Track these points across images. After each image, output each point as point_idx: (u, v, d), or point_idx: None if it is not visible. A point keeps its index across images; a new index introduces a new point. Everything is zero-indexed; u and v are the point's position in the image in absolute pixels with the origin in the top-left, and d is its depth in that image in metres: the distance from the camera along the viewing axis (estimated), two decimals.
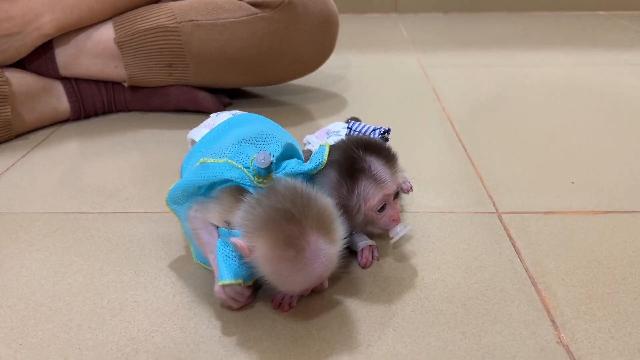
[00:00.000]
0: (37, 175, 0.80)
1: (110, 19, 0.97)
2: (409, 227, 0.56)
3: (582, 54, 1.46)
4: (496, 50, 1.52)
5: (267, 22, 0.96)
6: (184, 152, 0.63)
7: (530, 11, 2.04)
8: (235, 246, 0.46)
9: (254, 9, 0.96)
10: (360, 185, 0.53)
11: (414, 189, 0.67)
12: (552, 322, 0.49)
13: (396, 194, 0.56)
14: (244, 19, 0.95)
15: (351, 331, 0.48)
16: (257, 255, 0.46)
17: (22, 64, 0.95)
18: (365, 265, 0.57)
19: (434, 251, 0.60)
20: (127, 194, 0.74)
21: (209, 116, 0.65)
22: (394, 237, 0.56)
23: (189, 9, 0.96)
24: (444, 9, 2.06)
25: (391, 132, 0.63)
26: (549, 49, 1.51)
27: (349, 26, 1.73)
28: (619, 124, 0.97)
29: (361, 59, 1.44)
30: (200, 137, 0.60)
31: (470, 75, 1.28)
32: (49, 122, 0.98)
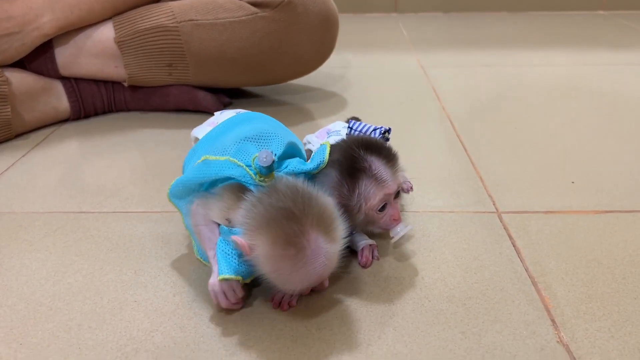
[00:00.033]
0: (37, 174, 0.80)
1: (110, 18, 0.97)
2: (410, 227, 0.56)
3: (582, 54, 1.46)
4: (496, 50, 1.52)
5: (267, 21, 0.96)
6: (184, 152, 0.63)
7: (530, 11, 2.04)
8: (235, 244, 0.46)
9: (253, 9, 0.96)
10: (361, 184, 0.53)
11: (414, 188, 0.67)
12: (552, 321, 0.49)
13: (397, 194, 0.56)
14: (243, 18, 0.95)
15: (351, 331, 0.48)
16: (257, 253, 0.46)
17: (22, 64, 0.95)
18: (365, 264, 0.57)
19: (434, 251, 0.60)
20: (127, 193, 0.74)
21: (213, 114, 0.65)
22: (395, 236, 0.56)
23: (188, 9, 0.95)
24: (444, 9, 2.06)
25: (391, 132, 0.63)
26: (549, 49, 1.51)
27: (349, 26, 1.73)
28: (619, 123, 0.97)
29: (361, 59, 1.44)
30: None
31: (470, 75, 1.28)
32: (49, 122, 0.98)
